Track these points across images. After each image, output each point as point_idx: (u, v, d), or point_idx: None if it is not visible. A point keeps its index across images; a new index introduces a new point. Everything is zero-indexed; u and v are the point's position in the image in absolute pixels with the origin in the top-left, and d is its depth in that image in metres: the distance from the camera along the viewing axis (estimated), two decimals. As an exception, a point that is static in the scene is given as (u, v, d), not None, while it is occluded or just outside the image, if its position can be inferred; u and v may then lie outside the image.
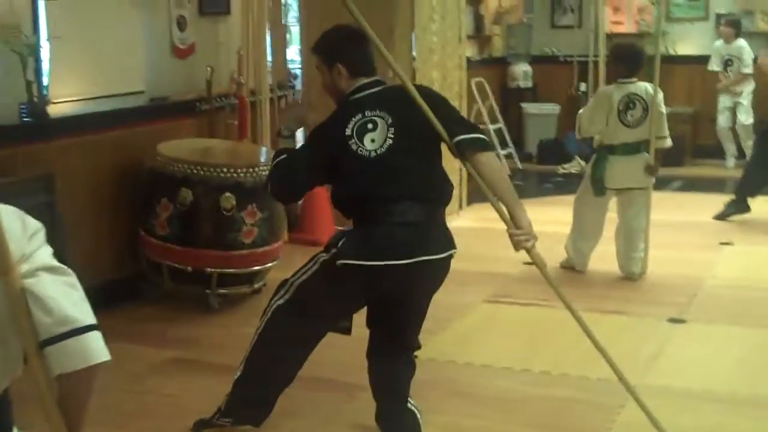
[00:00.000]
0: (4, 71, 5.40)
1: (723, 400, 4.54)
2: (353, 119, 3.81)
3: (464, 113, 8.22)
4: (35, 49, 5.53)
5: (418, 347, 4.14)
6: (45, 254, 2.13)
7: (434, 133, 3.76)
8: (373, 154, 3.77)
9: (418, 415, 4.13)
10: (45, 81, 5.75)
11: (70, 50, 5.90)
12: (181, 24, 6.83)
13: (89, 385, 2.13)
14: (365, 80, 3.90)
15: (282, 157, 3.96)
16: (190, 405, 4.41)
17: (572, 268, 6.75)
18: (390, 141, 3.77)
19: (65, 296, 2.07)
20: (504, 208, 3.81)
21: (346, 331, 4.09)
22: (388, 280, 3.74)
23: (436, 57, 7.80)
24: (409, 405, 4.12)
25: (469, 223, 8.29)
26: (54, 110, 5.72)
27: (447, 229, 3.86)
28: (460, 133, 3.77)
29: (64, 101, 5.82)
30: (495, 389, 4.73)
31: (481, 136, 3.85)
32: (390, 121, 3.78)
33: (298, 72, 8.14)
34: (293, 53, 8.32)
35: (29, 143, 5.44)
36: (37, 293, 2.04)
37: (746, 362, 5.08)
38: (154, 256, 5.87)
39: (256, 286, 6.07)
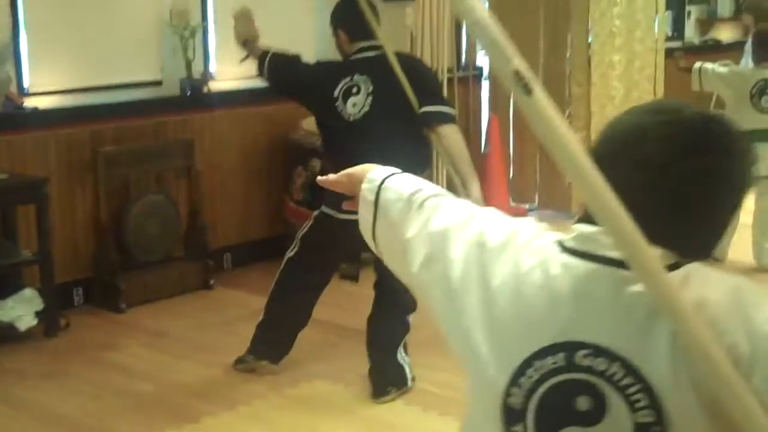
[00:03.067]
0: (172, 50, 6.28)
1: None
2: (343, 81, 4.27)
3: (659, 95, 8.19)
4: (197, 32, 6.36)
5: (413, 309, 4.48)
6: None
7: (410, 103, 4.11)
8: (352, 118, 4.21)
9: (407, 369, 4.49)
10: (209, 61, 6.58)
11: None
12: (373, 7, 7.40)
13: None
14: (364, 44, 4.33)
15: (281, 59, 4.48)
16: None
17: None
18: (367, 108, 4.18)
19: None
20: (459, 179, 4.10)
21: (354, 278, 4.59)
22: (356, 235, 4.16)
23: (619, 40, 7.81)
24: (398, 358, 4.49)
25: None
26: (215, 86, 6.52)
27: None
28: (428, 104, 4.10)
29: (225, 79, 6.60)
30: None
31: (447, 110, 4.16)
32: (371, 89, 4.19)
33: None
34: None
35: (183, 113, 6.29)
36: None
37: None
38: (293, 219, 6.54)
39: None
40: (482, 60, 8.33)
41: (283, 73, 4.55)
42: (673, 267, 1.39)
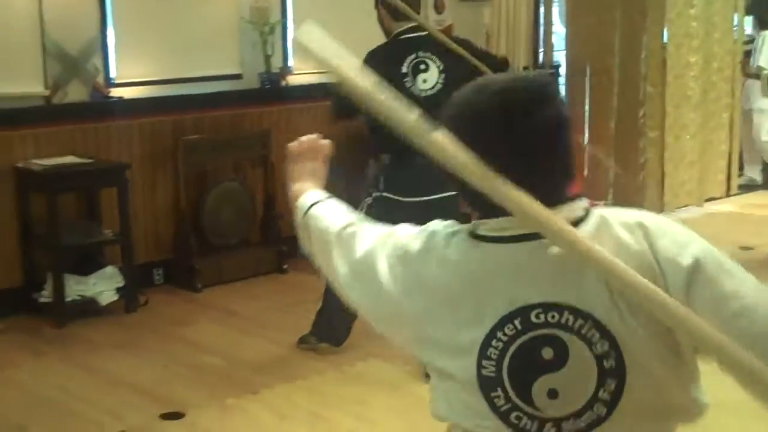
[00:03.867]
0: (252, 45, 6.58)
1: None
2: (408, 57, 4.45)
3: (737, 96, 8.25)
4: (276, 28, 6.65)
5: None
6: None
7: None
8: (423, 93, 4.39)
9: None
10: (287, 56, 6.86)
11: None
12: (438, 6, 7.62)
13: None
14: (408, 24, 4.51)
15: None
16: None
17: None
18: (440, 85, 4.39)
19: None
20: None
21: None
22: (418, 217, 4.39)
23: (696, 42, 7.86)
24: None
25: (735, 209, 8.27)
26: (292, 80, 6.81)
27: None
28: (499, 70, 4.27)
29: (303, 73, 6.86)
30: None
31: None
32: (441, 66, 4.40)
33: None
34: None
35: (261, 105, 6.59)
36: None
37: None
38: (364, 209, 6.78)
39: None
40: (559, 58, 8.47)
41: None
42: (580, 219, 1.61)
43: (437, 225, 1.74)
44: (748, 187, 8.84)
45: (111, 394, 4.65)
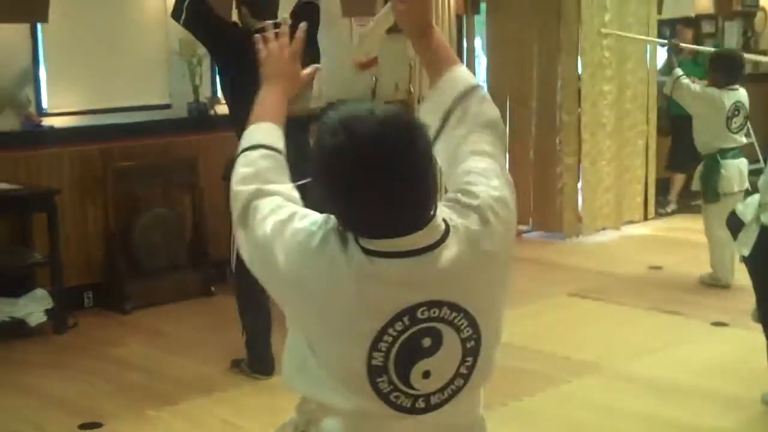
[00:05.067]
0: (181, 76, 6.86)
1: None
2: None
3: (652, 123, 8.63)
4: (204, 60, 6.92)
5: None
6: None
7: None
8: None
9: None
10: (215, 86, 7.14)
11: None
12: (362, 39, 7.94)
13: None
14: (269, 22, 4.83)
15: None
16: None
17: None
18: None
19: None
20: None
21: None
22: None
23: (609, 71, 8.26)
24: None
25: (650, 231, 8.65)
26: (220, 109, 7.07)
27: None
28: None
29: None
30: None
31: None
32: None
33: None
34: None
35: (190, 134, 6.86)
36: None
37: None
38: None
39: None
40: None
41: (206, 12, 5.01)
42: (447, 228, 1.86)
43: (327, 223, 1.88)
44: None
45: (33, 407, 4.87)
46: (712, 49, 7.78)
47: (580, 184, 8.32)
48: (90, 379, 5.26)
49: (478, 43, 9.05)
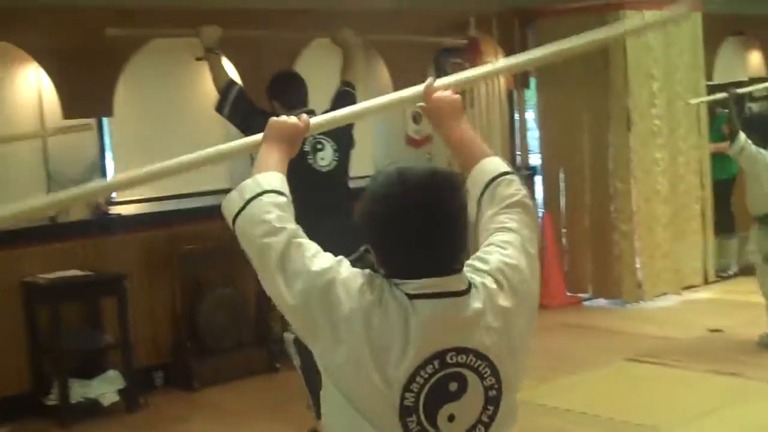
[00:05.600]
0: (241, 162, 7.14)
1: None
2: (308, 139, 4.97)
3: (706, 186, 8.70)
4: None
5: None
6: None
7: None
8: (324, 170, 5.07)
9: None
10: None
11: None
12: (416, 118, 8.18)
13: None
14: (303, 109, 5.05)
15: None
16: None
17: None
18: (336, 163, 5.13)
19: None
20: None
21: None
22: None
23: (661, 139, 8.37)
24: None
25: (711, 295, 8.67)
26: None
27: None
28: None
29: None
30: (537, 425, 5.35)
31: None
32: (335, 146, 5.14)
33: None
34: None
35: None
36: None
37: None
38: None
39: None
40: (534, 160, 9.01)
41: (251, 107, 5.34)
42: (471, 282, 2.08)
43: (367, 275, 2.07)
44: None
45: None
46: None
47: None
48: (160, 455, 5.46)
49: (531, 116, 9.26)
